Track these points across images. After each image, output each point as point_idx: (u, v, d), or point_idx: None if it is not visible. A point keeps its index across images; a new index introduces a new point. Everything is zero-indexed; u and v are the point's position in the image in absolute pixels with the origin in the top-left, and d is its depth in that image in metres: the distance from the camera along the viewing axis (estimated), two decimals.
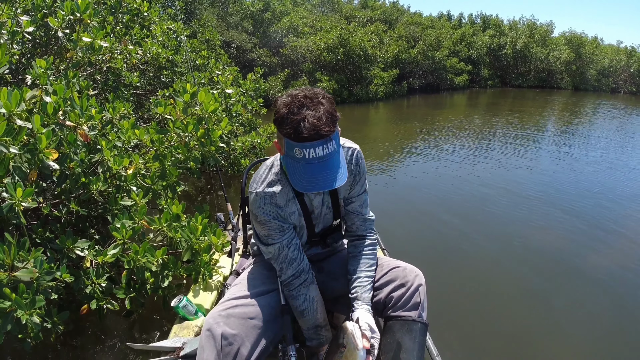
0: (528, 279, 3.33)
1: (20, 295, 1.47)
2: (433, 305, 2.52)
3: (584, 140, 9.38)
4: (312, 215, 1.47)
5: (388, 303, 1.48)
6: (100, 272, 1.85)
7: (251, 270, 1.65)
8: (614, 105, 17.32)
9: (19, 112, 1.61)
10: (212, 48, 7.90)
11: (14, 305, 1.43)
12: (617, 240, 4.12)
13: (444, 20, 26.01)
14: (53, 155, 1.70)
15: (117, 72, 3.40)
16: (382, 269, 1.55)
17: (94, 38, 2.42)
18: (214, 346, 1.28)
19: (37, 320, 1.48)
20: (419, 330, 1.42)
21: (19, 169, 1.60)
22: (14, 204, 1.55)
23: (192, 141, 2.20)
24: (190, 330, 1.65)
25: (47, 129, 1.66)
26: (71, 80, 2.14)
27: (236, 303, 1.41)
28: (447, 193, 5.35)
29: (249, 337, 1.34)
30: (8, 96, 1.58)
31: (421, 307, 1.46)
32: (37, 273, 1.51)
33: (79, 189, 2.00)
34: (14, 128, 1.55)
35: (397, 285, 1.49)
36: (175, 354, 1.46)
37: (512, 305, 2.97)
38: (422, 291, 1.48)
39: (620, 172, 6.71)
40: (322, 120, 1.13)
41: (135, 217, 1.94)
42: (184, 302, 1.67)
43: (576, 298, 3.10)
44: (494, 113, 13.58)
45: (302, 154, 1.13)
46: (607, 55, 24.95)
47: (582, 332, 2.70)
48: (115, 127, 2.32)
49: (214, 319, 1.34)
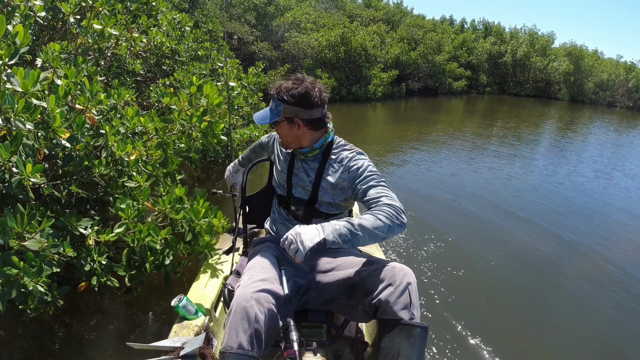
0: (526, 278, 3.46)
1: (28, 263, 1.54)
2: (433, 305, 2.60)
3: (578, 151, 9.55)
4: (292, 176, 1.75)
5: (378, 304, 1.46)
6: (102, 250, 1.93)
7: (258, 257, 1.68)
8: (610, 120, 17.56)
9: (34, 91, 1.67)
10: (214, 39, 7.94)
11: (21, 272, 1.50)
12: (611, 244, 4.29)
13: (447, 24, 26.15)
14: (65, 134, 1.77)
15: (121, 59, 3.46)
16: (370, 269, 1.54)
17: (104, 26, 2.48)
18: (248, 327, 1.33)
19: (42, 289, 1.55)
20: (419, 335, 1.38)
21: (29, 146, 1.67)
22: (22, 179, 1.61)
23: (195, 132, 2.28)
24: (190, 330, 1.62)
25: (61, 109, 1.73)
26: (80, 65, 2.20)
27: (262, 286, 1.43)
28: (441, 195, 5.44)
29: (273, 318, 1.40)
30: (25, 75, 1.65)
31: (412, 307, 1.43)
32: (45, 243, 1.58)
33: (81, 171, 2.06)
34: (31, 106, 1.62)
35: (385, 285, 1.46)
36: (175, 354, 1.43)
37: (510, 304, 3.06)
38: (412, 290, 1.45)
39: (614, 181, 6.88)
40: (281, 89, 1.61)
41: (140, 198, 2.02)
42: (184, 302, 1.66)
43: (573, 299, 3.22)
44: (490, 120, 13.73)
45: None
46: (606, 69, 25.24)
47: (581, 332, 2.80)
48: (118, 112, 2.39)
49: (247, 301, 1.37)
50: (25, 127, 1.62)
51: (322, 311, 1.71)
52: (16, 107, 1.59)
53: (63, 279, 2.07)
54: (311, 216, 1.73)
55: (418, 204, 5.01)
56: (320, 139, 1.67)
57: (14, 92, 1.66)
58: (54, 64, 1.98)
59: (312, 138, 1.66)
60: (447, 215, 4.74)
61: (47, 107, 1.75)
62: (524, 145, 9.63)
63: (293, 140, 1.67)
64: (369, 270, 1.54)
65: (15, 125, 1.61)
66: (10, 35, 1.81)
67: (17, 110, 1.60)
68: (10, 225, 1.55)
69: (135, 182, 2.10)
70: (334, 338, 1.70)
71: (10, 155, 1.63)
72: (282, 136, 1.69)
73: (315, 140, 1.66)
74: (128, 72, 3.70)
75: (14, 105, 1.59)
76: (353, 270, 1.57)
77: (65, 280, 2.07)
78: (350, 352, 1.81)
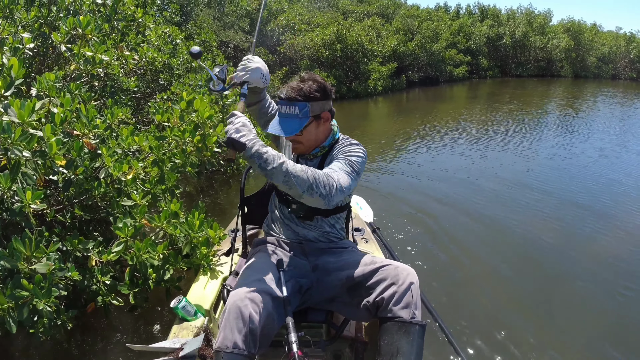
0: (523, 278, 3.41)
1: (37, 285, 1.60)
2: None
3: (585, 130, 9.45)
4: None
5: (380, 303, 1.48)
6: (105, 269, 1.99)
7: (255, 259, 1.70)
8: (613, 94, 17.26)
9: (30, 121, 1.73)
10: (208, 49, 8.02)
11: (31, 294, 1.57)
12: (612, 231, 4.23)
13: (442, 12, 25.97)
14: (62, 161, 1.84)
15: (114, 78, 3.52)
16: (373, 268, 1.56)
17: (94, 52, 2.55)
18: (242, 327, 1.34)
19: (51, 310, 1.62)
20: (417, 332, 1.41)
21: (28, 175, 1.74)
22: (23, 207, 1.68)
23: (189, 147, 2.33)
24: (190, 331, 1.63)
25: (57, 138, 1.79)
26: (74, 92, 2.27)
27: (258, 286, 1.45)
28: (448, 190, 5.37)
29: (269, 318, 1.41)
30: (21, 106, 1.71)
31: (414, 306, 1.45)
32: (52, 266, 1.64)
33: (82, 194, 2.13)
34: (27, 135, 1.69)
35: (387, 284, 1.49)
36: (174, 355, 1.45)
37: (508, 304, 3.02)
38: (414, 290, 1.47)
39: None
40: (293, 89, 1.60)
41: (137, 216, 2.08)
42: (183, 303, 1.68)
43: (574, 295, 3.15)
44: (494, 104, 13.62)
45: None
46: (606, 42, 24.90)
47: (579, 332, 2.74)
48: (114, 132, 2.45)
49: (242, 300, 1.38)
50: (23, 155, 1.69)
51: (322, 311, 1.72)
52: (13, 137, 1.67)
53: (71, 301, 2.14)
54: (313, 214, 1.75)
55: (419, 199, 4.99)
56: (329, 136, 1.72)
57: (10, 123, 1.73)
58: (50, 93, 2.05)
59: (327, 133, 1.72)
60: (446, 214, 4.65)
61: (43, 135, 1.82)
62: (530, 129, 9.55)
63: (315, 141, 1.69)
64: (372, 269, 1.56)
65: (13, 154, 1.68)
66: (6, 68, 1.89)
67: (14, 139, 1.67)
68: (18, 249, 1.62)
69: (132, 201, 2.15)
70: (333, 338, 1.71)
71: (10, 184, 1.69)
72: (306, 140, 1.67)
73: (326, 136, 1.72)
74: (123, 91, 3.77)
75: (10, 134, 1.67)
76: (356, 270, 1.59)
77: (73, 302, 2.14)
78: (350, 352, 1.83)
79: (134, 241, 2.02)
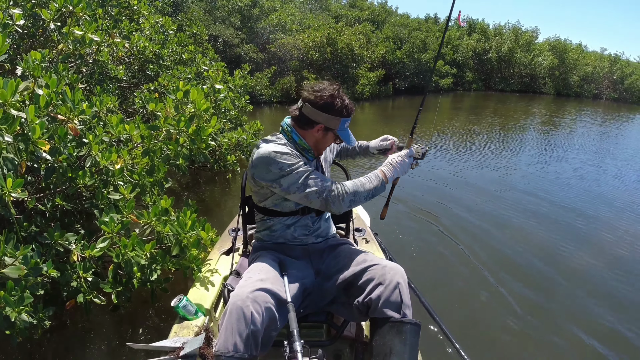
0: (527, 272, 3.48)
1: (8, 292, 1.47)
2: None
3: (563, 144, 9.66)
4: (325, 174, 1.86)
5: (369, 304, 1.46)
6: (87, 266, 1.87)
7: (258, 259, 1.67)
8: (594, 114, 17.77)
9: (13, 101, 1.61)
10: (198, 42, 7.86)
11: (2, 302, 1.44)
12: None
13: (431, 22, 26.24)
14: (46, 146, 1.72)
15: (103, 65, 3.38)
16: (362, 268, 1.55)
17: (85, 31, 2.41)
18: (244, 329, 1.29)
19: (25, 318, 1.49)
20: (410, 331, 1.38)
21: (9, 160, 1.61)
22: (3, 195, 1.55)
23: (183, 137, 2.22)
24: (190, 330, 1.63)
25: (41, 120, 1.67)
26: (61, 73, 2.14)
27: (260, 286, 1.40)
28: (436, 195, 5.44)
29: (272, 319, 1.37)
30: (4, 85, 1.59)
31: (404, 306, 1.43)
32: (25, 270, 1.51)
33: (65, 183, 2.00)
34: (9, 117, 1.56)
35: (375, 284, 1.47)
36: (175, 354, 1.44)
37: (508, 304, 3.04)
38: (402, 289, 1.45)
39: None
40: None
41: (124, 211, 1.96)
42: (184, 302, 1.67)
43: (569, 298, 3.20)
44: (477, 116, 13.82)
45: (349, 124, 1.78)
46: (590, 62, 25.58)
47: (579, 332, 2.77)
48: (101, 120, 2.32)
49: (243, 301, 1.33)
50: (4, 140, 1.56)
51: (322, 311, 1.71)
52: None
53: (50, 296, 2.00)
54: (316, 214, 1.78)
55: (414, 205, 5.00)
56: None
57: None
58: (35, 72, 1.92)
59: None
60: (445, 213, 4.71)
61: (26, 118, 1.69)
62: (510, 142, 9.71)
63: None
64: (362, 269, 1.56)
65: None
66: None
67: None
68: None
69: (120, 194, 2.03)
70: (334, 338, 1.70)
71: None
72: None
73: None
74: (111, 79, 3.63)
75: None
76: (351, 269, 1.59)
77: (52, 297, 2.01)
78: (350, 352, 1.83)
79: (119, 237, 1.90)
